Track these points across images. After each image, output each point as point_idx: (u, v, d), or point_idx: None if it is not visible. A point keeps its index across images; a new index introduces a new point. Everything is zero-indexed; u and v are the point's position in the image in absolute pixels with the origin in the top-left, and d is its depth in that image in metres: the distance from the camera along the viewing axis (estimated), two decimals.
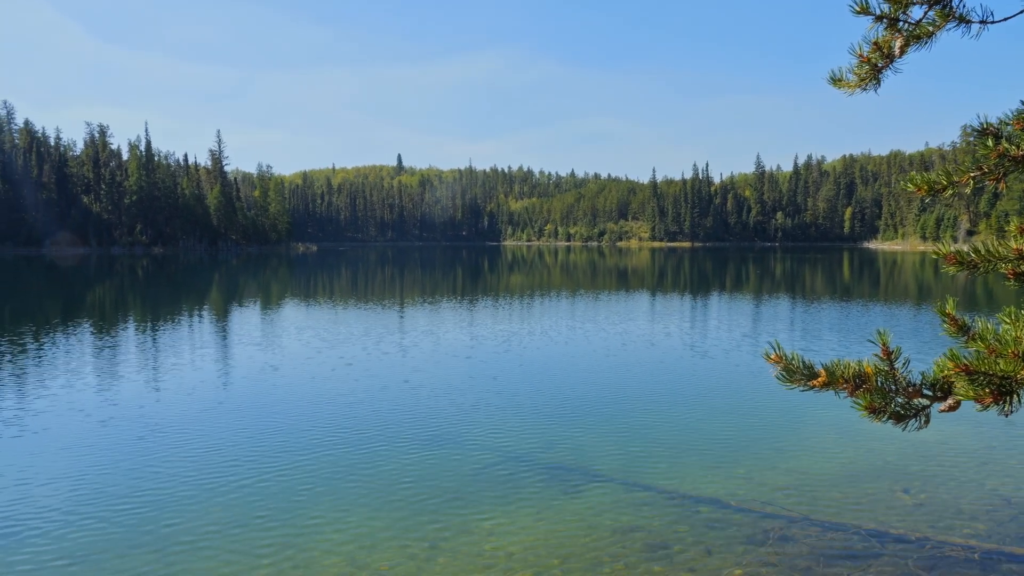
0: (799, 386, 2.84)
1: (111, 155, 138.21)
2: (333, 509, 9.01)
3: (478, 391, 15.86)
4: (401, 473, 10.37)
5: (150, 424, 12.95)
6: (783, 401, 14.70)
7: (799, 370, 2.82)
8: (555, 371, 18.46)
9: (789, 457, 11.16)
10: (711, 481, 10.04)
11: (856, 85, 3.02)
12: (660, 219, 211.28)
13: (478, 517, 8.77)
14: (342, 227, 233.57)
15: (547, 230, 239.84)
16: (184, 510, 8.95)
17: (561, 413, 13.91)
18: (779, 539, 8.09)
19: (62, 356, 20.20)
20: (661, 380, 17.24)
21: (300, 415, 13.71)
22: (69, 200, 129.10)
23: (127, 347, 22.26)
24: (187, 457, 11.06)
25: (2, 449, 11.47)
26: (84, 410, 13.93)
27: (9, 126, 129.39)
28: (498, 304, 37.51)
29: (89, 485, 9.84)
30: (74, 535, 8.21)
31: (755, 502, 9.22)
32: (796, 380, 2.83)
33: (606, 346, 22.08)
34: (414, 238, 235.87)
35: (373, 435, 12.31)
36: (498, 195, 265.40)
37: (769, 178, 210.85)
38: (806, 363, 2.85)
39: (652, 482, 9.98)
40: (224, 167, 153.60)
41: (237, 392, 15.93)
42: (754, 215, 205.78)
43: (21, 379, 16.94)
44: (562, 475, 10.27)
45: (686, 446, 11.74)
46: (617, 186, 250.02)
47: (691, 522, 8.60)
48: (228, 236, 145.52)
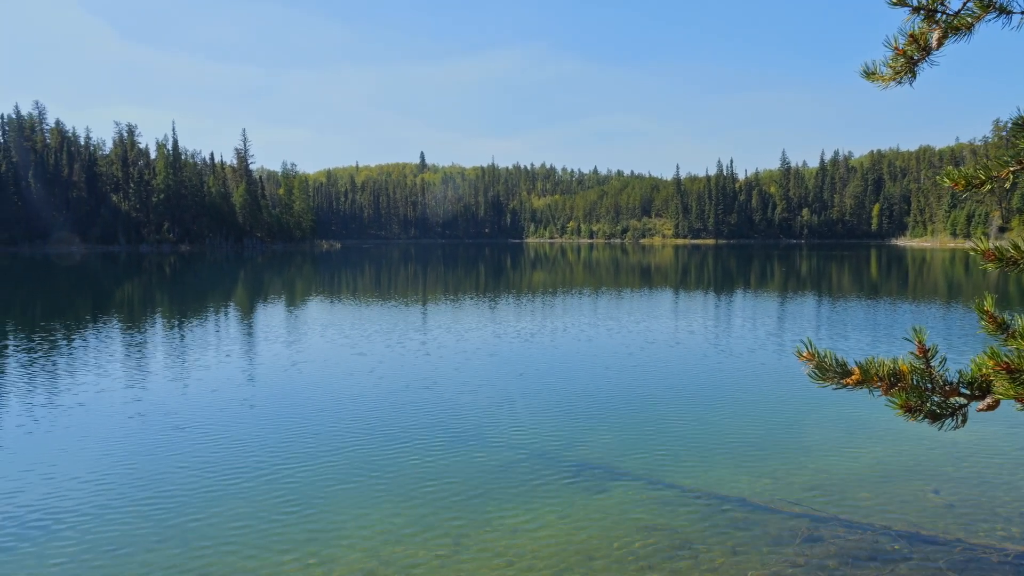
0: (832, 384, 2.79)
1: (139, 154, 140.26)
2: (357, 505, 9.06)
3: (502, 388, 15.87)
4: (425, 470, 10.40)
5: (177, 420, 13.12)
6: (809, 400, 14.52)
7: (832, 368, 2.77)
8: (578, 369, 18.41)
9: (816, 456, 11.02)
10: (736, 480, 9.95)
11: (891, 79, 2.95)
12: (684, 216, 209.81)
13: (502, 514, 8.77)
14: (365, 225, 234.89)
15: (570, 227, 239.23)
16: (211, 505, 9.06)
17: (585, 411, 13.87)
18: (806, 539, 7.99)
19: (92, 352, 20.54)
20: (685, 378, 17.13)
21: (324, 412, 13.81)
22: (99, 199, 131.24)
23: (155, 344, 22.58)
24: (213, 453, 11.19)
25: (34, 444, 11.69)
26: (113, 406, 14.16)
27: (40, 126, 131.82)
28: (521, 301, 37.50)
29: (118, 480, 9.99)
30: (103, 529, 8.34)
31: (781, 501, 9.12)
32: (829, 378, 2.78)
33: (629, 344, 21.98)
34: (437, 235, 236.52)
35: (397, 432, 12.37)
36: (520, 192, 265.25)
37: (795, 174, 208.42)
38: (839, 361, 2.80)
39: (676, 481, 9.91)
40: (249, 165, 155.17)
41: (262, 389, 16.09)
42: (779, 212, 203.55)
43: (53, 375, 17.26)
44: (586, 473, 10.24)
45: (711, 445, 11.65)
46: (640, 183, 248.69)
47: (716, 521, 8.53)
48: (253, 234, 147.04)
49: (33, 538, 8.07)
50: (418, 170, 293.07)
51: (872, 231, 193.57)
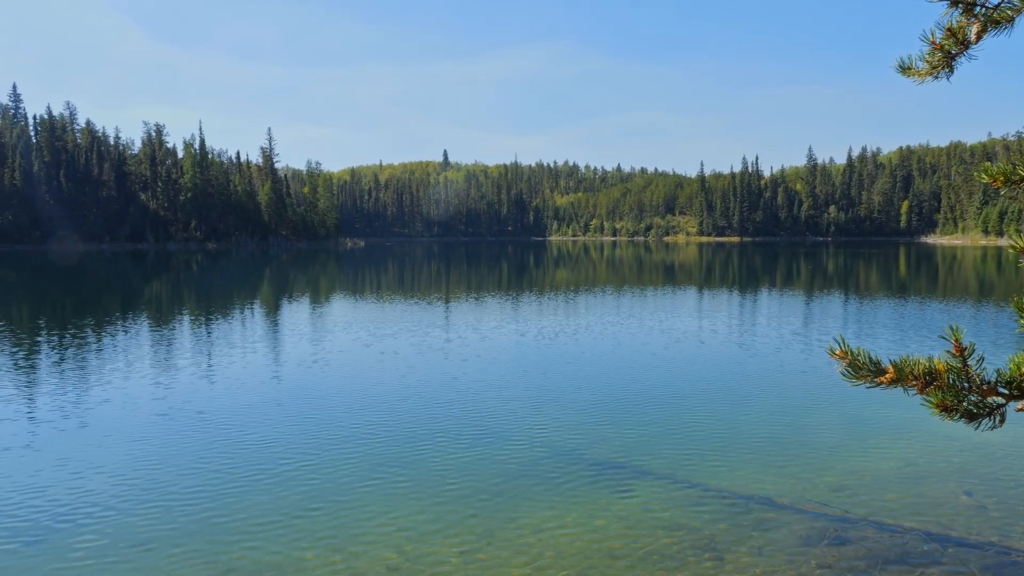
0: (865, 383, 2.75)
1: (167, 153, 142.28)
2: (381, 502, 9.11)
3: (525, 387, 15.87)
4: (449, 467, 10.44)
5: (204, 418, 13.30)
6: (835, 399, 14.35)
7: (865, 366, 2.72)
8: (602, 367, 18.36)
9: (843, 457, 10.88)
10: (762, 480, 9.85)
11: (927, 73, 2.89)
12: (708, 214, 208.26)
13: (526, 512, 8.77)
14: (389, 223, 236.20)
15: (593, 225, 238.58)
16: (237, 501, 9.17)
17: (608, 410, 13.83)
18: (833, 540, 7.90)
19: (120, 349, 20.88)
20: (709, 377, 17.00)
21: (349, 409, 13.91)
22: (128, 198, 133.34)
23: (182, 341, 22.90)
24: (239, 450, 11.32)
25: (63, 440, 11.91)
26: (141, 403, 14.38)
27: (71, 126, 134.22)
28: (543, 300, 37.48)
29: (145, 476, 10.15)
30: (131, 523, 8.48)
31: (808, 502, 9.02)
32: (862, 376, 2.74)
33: (653, 343, 21.88)
34: (460, 233, 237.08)
35: (421, 429, 12.42)
36: (544, 190, 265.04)
37: (821, 171, 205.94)
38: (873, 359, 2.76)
39: (701, 480, 9.84)
40: (275, 164, 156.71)
41: (287, 386, 16.25)
42: (805, 209, 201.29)
43: (82, 371, 17.57)
44: (610, 472, 10.21)
45: (736, 444, 11.55)
46: (664, 180, 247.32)
47: (741, 521, 8.46)
48: (279, 232, 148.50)
49: (62, 532, 8.23)
50: (441, 168, 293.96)
51: (901, 228, 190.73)
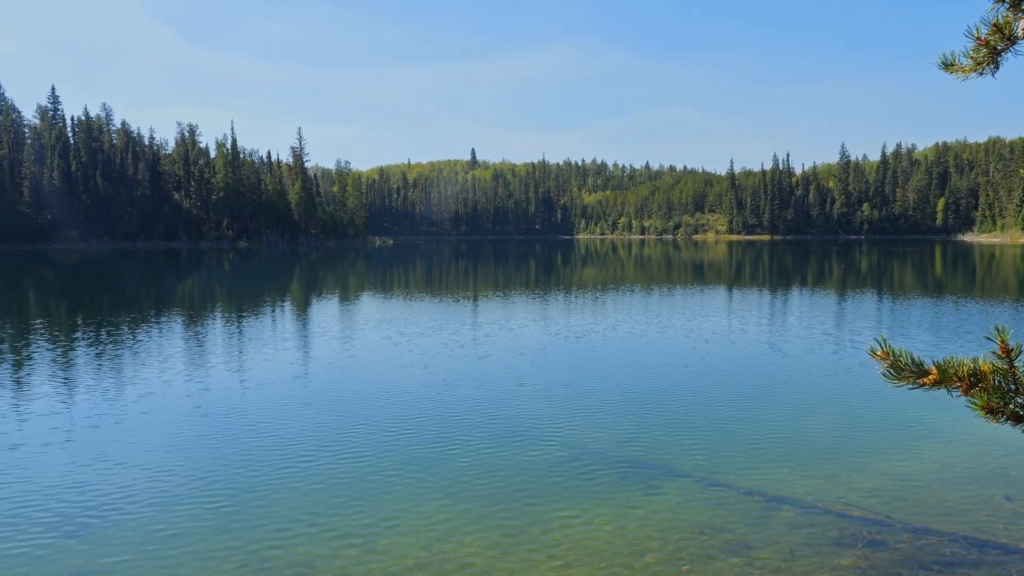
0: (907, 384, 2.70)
1: (200, 153, 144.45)
2: (411, 499, 9.17)
3: (553, 385, 15.85)
4: (477, 465, 10.47)
5: (236, 415, 13.49)
6: (869, 401, 14.13)
7: (907, 367, 2.68)
8: (630, 366, 18.28)
9: (877, 458, 10.71)
10: (793, 481, 9.73)
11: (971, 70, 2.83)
12: (738, 211, 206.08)
13: (554, 511, 8.76)
14: (417, 221, 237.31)
15: (621, 223, 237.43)
16: (269, 496, 9.29)
17: (637, 409, 13.76)
18: (867, 543, 7.78)
19: (155, 345, 21.27)
20: (740, 377, 16.83)
21: (378, 407, 14.01)
22: (162, 197, 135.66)
23: (215, 338, 23.25)
24: (271, 447, 11.47)
25: (100, 436, 12.17)
26: (174, 400, 14.63)
27: (107, 127, 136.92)
28: (571, 298, 37.41)
29: (179, 472, 10.32)
30: (165, 517, 8.63)
31: (841, 504, 8.89)
32: (904, 378, 2.70)
33: (682, 342, 21.72)
34: (487, 232, 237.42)
35: (449, 427, 12.48)
36: (571, 188, 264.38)
37: (854, 168, 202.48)
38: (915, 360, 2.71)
39: (731, 481, 9.75)
40: (305, 163, 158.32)
41: (317, 384, 16.42)
42: (838, 207, 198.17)
43: (119, 367, 17.92)
44: (638, 471, 10.16)
45: (766, 445, 11.42)
46: (693, 178, 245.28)
47: (773, 522, 8.37)
48: (308, 230, 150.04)
49: (98, 525, 8.41)
50: (469, 167, 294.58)
51: (936, 226, 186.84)
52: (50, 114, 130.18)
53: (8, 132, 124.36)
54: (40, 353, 19.78)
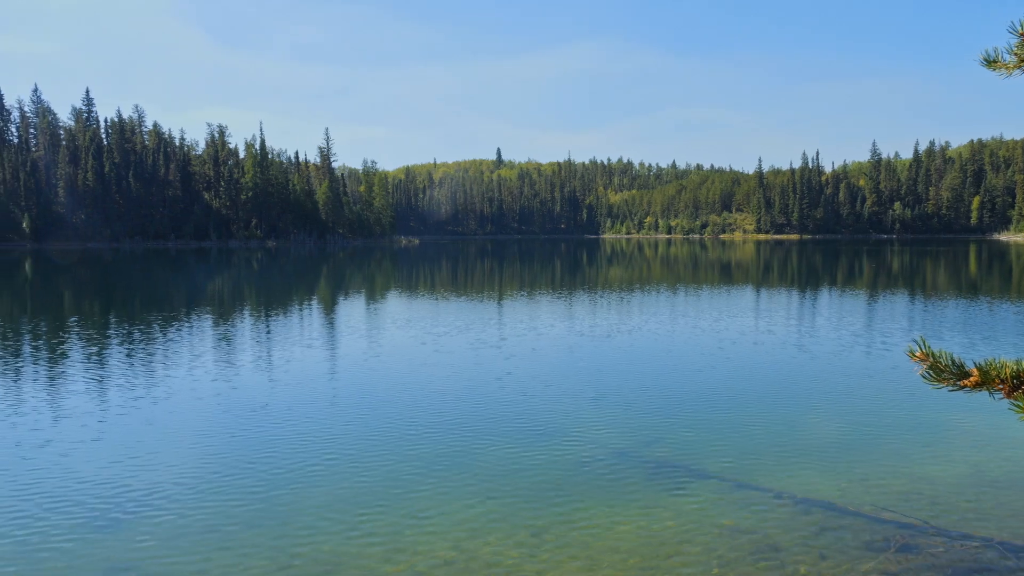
0: (947, 386, 2.64)
1: (229, 154, 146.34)
2: (437, 497, 9.20)
3: (580, 385, 15.81)
4: (504, 464, 10.47)
5: (265, 413, 13.64)
6: (902, 403, 13.89)
7: (948, 369, 2.62)
8: (657, 367, 18.16)
9: (910, 461, 10.52)
10: (824, 484, 9.60)
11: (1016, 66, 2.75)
12: (766, 210, 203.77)
13: (581, 510, 8.74)
14: (443, 221, 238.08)
15: (647, 223, 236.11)
16: (296, 494, 9.38)
17: (664, 410, 13.66)
18: (900, 547, 7.65)
19: (186, 344, 21.59)
20: (769, 378, 16.64)
21: (405, 406, 14.08)
22: (192, 197, 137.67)
23: (243, 336, 23.54)
24: (298, 445, 11.58)
25: (132, 433, 12.38)
26: (204, 398, 14.84)
27: (140, 129, 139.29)
28: (597, 298, 37.27)
29: (209, 469, 10.47)
30: (194, 514, 8.76)
31: (873, 507, 8.75)
32: (944, 380, 2.64)
33: (709, 342, 21.53)
34: (513, 231, 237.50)
35: (476, 426, 12.50)
36: (597, 187, 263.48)
37: (886, 166, 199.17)
38: (956, 361, 2.65)
39: (760, 483, 9.64)
40: (332, 163, 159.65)
41: (345, 382, 16.54)
42: (869, 206, 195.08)
43: (149, 365, 18.22)
44: (666, 472, 10.09)
45: (796, 447, 11.28)
46: (720, 177, 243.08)
47: (803, 525, 8.26)
48: (335, 230, 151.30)
49: (130, 520, 8.55)
50: (495, 166, 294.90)
51: (971, 225, 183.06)
52: (84, 116, 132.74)
53: (44, 134, 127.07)
54: (74, 351, 20.18)
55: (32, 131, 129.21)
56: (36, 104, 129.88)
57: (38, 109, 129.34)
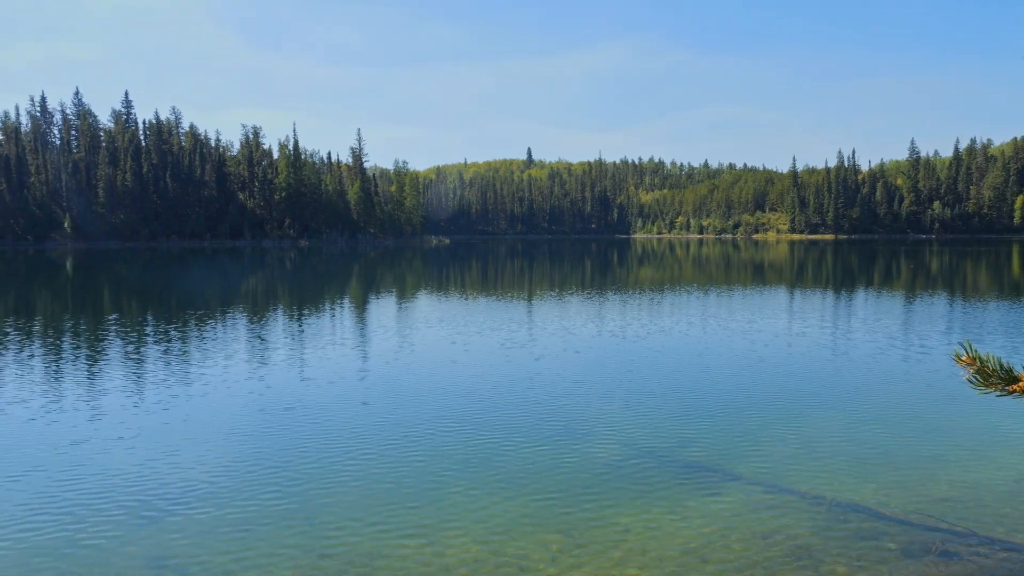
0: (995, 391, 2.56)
1: (263, 155, 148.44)
2: (468, 496, 9.21)
3: (610, 386, 15.72)
4: (533, 464, 10.45)
5: (296, 412, 13.79)
6: (941, 407, 13.58)
7: (995, 373, 2.53)
8: (688, 368, 17.99)
9: (951, 466, 10.27)
10: (860, 488, 9.41)
11: None
12: (800, 210, 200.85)
13: (611, 512, 8.68)
14: (473, 220, 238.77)
15: (678, 222, 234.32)
16: (327, 492, 9.46)
17: (695, 411, 13.52)
18: (940, 554, 7.47)
19: (220, 342, 21.92)
20: (801, 381, 16.38)
21: (435, 405, 14.13)
22: (227, 197, 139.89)
23: (277, 335, 23.84)
24: (330, 444, 11.67)
25: (168, 431, 12.59)
26: (238, 396, 15.05)
27: (176, 130, 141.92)
28: (628, 298, 37.06)
29: (241, 467, 10.60)
30: (228, 510, 8.88)
31: (911, 513, 8.56)
32: (992, 384, 2.55)
33: (740, 344, 21.27)
34: (543, 231, 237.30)
35: (506, 425, 12.49)
36: (628, 187, 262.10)
37: (925, 164, 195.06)
38: (1004, 366, 2.56)
39: (794, 486, 9.49)
40: (363, 164, 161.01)
41: (375, 381, 16.65)
42: (907, 205, 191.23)
43: (185, 363, 18.54)
44: (697, 474, 9.98)
45: (831, 450, 11.07)
46: (754, 176, 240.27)
47: (838, 530, 8.11)
48: (367, 229, 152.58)
49: (165, 517, 8.70)
50: (525, 166, 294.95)
51: (1014, 225, 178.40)
52: (123, 118, 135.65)
53: (85, 136, 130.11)
54: (113, 348, 20.61)
55: (74, 133, 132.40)
56: (77, 107, 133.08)
57: (79, 112, 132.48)
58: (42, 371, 17.29)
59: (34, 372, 17.19)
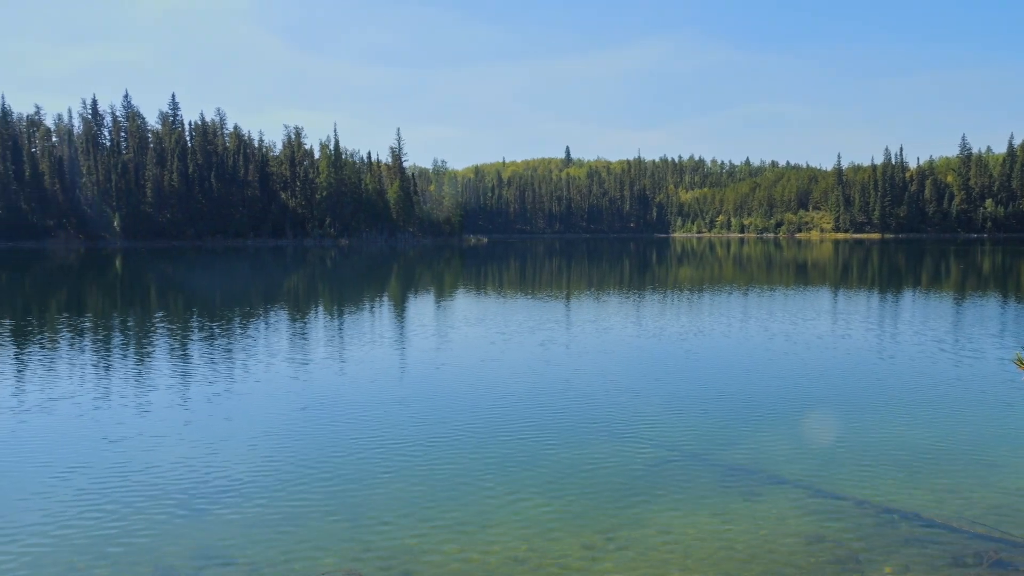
0: None
1: (305, 155, 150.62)
2: (507, 495, 9.22)
3: (651, 386, 15.60)
4: (574, 464, 10.42)
5: (337, 411, 13.97)
6: (995, 413, 13.17)
7: None
8: (729, 369, 17.76)
9: (1004, 473, 9.95)
10: (909, 494, 9.18)
11: None
12: (845, 208, 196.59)
13: (653, 513, 8.61)
14: (511, 219, 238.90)
15: (719, 221, 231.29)
16: (369, 490, 9.56)
17: (738, 413, 13.34)
18: (993, 563, 7.25)
19: (262, 340, 22.32)
20: (849, 383, 16.04)
21: (475, 403, 14.19)
22: (270, 197, 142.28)
23: (317, 333, 24.19)
24: (371, 442, 11.79)
25: (211, 427, 12.86)
26: (279, 394, 15.29)
27: (221, 131, 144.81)
28: (667, 298, 36.72)
29: (284, 464, 10.78)
30: (272, 506, 9.03)
31: (962, 520, 8.32)
32: None
33: (782, 345, 20.91)
34: (581, 230, 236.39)
35: (546, 425, 12.48)
36: (667, 186, 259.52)
37: (976, 161, 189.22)
38: None
39: (840, 490, 9.30)
40: (403, 163, 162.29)
41: (415, 380, 16.80)
42: (957, 203, 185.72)
43: (229, 361, 18.91)
44: (741, 476, 9.84)
45: (878, 455, 10.82)
46: (796, 174, 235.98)
47: (886, 536, 7.93)
48: (406, 228, 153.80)
49: (212, 510, 8.89)
50: (563, 165, 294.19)
51: None
52: (170, 119, 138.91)
53: (134, 137, 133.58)
54: (159, 346, 21.13)
55: (123, 135, 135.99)
56: (126, 109, 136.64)
57: (128, 114, 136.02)
58: (92, 367, 17.80)
59: (84, 368, 17.72)
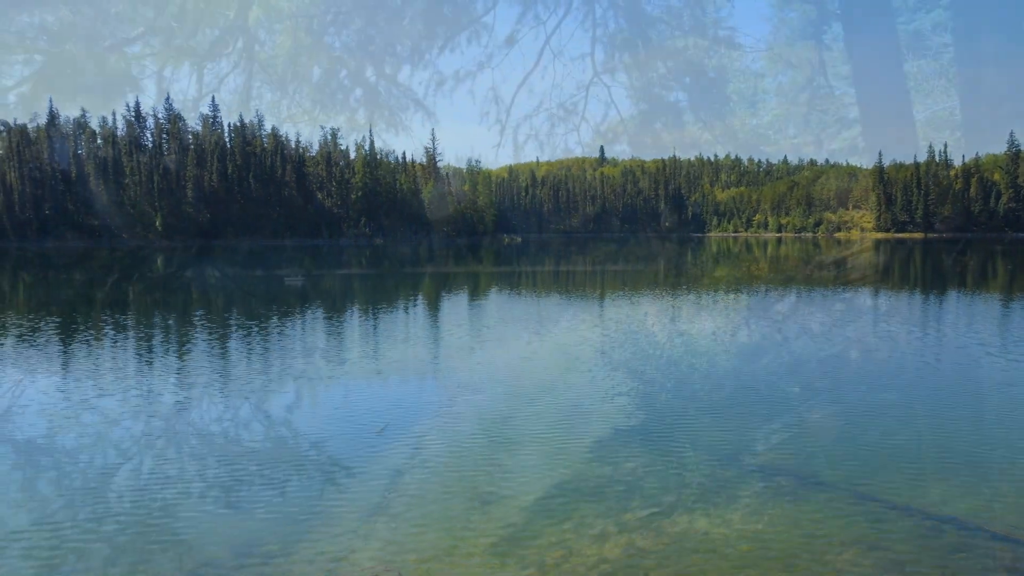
0: None
1: (340, 155, 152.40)
2: (546, 495, 9.25)
3: (691, 387, 15.49)
4: (615, 465, 10.40)
5: (375, 414, 14.13)
6: None
7: None
8: (769, 371, 17.53)
9: None
10: (955, 501, 8.99)
11: None
12: (887, 208, 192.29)
13: (694, 514, 8.56)
14: (545, 219, 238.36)
15: (756, 220, 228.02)
16: (411, 489, 9.67)
17: (780, 416, 13.16)
18: None
19: (299, 339, 22.63)
20: (892, 387, 15.72)
21: (511, 404, 14.23)
22: (306, 197, 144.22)
23: (353, 333, 24.45)
24: (413, 441, 11.93)
25: (251, 428, 13.09)
26: (320, 392, 15.52)
27: (259, 132, 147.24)
28: (704, 299, 36.36)
29: (326, 461, 10.94)
30: (314, 505, 9.18)
31: (1011, 528, 8.13)
32: None
33: (823, 347, 20.57)
34: (616, 230, 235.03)
35: (583, 426, 12.47)
36: (703, 185, 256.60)
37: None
38: None
39: (884, 496, 9.13)
40: (437, 163, 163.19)
41: (452, 382, 16.89)
42: (1004, 202, 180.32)
43: (266, 360, 19.23)
44: (783, 479, 9.72)
45: (922, 461, 10.61)
46: (836, 172, 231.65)
47: (931, 543, 7.78)
48: (440, 228, 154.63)
49: (249, 508, 9.06)
50: (597, 164, 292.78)
51: None
52: (210, 121, 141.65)
53: (175, 139, 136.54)
54: (198, 348, 21.56)
55: (164, 136, 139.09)
56: (168, 111, 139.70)
57: (170, 116, 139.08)
58: (134, 366, 18.24)
59: (127, 367, 18.17)
